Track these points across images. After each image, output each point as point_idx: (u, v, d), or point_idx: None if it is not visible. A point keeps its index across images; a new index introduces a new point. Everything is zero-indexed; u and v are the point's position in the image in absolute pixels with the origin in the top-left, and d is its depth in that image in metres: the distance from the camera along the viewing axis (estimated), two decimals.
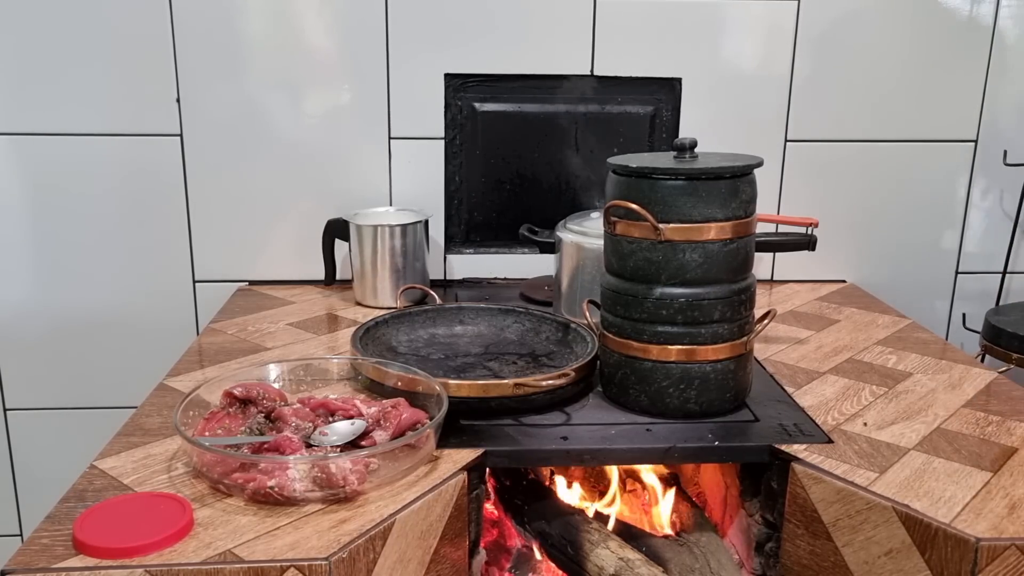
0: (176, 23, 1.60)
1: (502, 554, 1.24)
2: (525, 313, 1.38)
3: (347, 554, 0.81)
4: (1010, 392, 1.20)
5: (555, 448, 1.05)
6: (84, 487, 0.91)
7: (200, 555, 0.79)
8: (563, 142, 1.72)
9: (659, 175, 1.07)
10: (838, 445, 1.03)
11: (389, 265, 1.56)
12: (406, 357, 1.26)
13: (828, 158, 1.74)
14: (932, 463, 0.99)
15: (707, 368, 1.09)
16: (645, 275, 1.08)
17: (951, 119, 1.74)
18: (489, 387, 1.10)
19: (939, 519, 0.87)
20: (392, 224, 1.56)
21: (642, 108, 1.71)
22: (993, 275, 1.81)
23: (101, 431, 1.21)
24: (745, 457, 1.08)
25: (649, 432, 1.08)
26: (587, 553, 1.12)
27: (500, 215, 1.76)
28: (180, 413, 0.98)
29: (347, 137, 1.68)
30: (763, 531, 1.08)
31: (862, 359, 1.33)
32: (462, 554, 1.02)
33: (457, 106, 1.70)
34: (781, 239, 1.49)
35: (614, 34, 1.66)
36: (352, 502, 0.89)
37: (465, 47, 1.65)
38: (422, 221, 1.59)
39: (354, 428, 0.98)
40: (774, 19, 1.67)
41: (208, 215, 1.69)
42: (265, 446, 0.94)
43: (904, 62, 1.71)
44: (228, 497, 0.89)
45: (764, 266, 1.78)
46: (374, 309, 1.54)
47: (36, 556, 0.79)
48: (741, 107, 1.71)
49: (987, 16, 1.69)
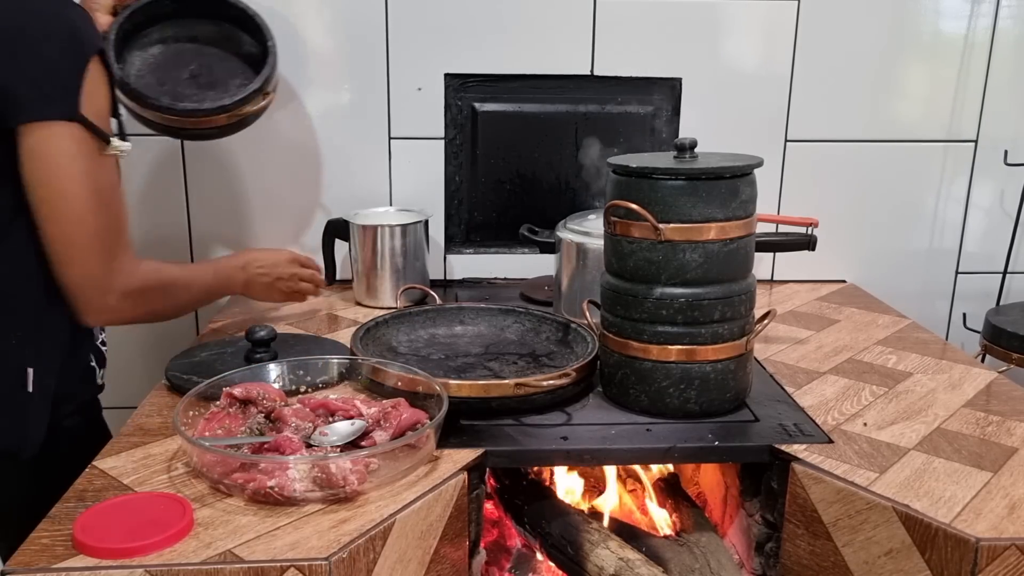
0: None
1: (502, 554, 1.24)
2: (525, 313, 1.38)
3: (347, 554, 0.81)
4: (1010, 392, 1.20)
5: (555, 448, 1.05)
6: (84, 487, 0.91)
7: (200, 555, 0.79)
8: (563, 142, 1.72)
9: (659, 175, 1.06)
10: (838, 445, 1.03)
11: (389, 265, 1.56)
12: (406, 357, 1.26)
13: (828, 158, 1.74)
14: (932, 463, 0.99)
15: (707, 368, 1.09)
16: (645, 275, 1.08)
17: (951, 119, 1.74)
18: (490, 387, 1.10)
19: (939, 519, 0.87)
20: (392, 224, 1.56)
21: (642, 108, 1.71)
22: (993, 275, 1.81)
23: None
24: (745, 457, 1.08)
25: (649, 432, 1.08)
26: (587, 553, 1.12)
27: (500, 215, 1.76)
28: (180, 413, 0.98)
29: (347, 137, 1.68)
30: (763, 531, 1.08)
31: (862, 359, 1.33)
32: (462, 554, 1.02)
33: (457, 106, 1.70)
34: (781, 239, 1.49)
35: (614, 34, 1.66)
36: (352, 502, 0.89)
37: (465, 47, 1.65)
38: (422, 221, 1.59)
39: (354, 428, 0.98)
40: (774, 19, 1.67)
41: (208, 215, 1.69)
42: (265, 446, 0.94)
43: (904, 62, 1.71)
44: (228, 497, 0.89)
45: (764, 266, 1.78)
46: (374, 309, 1.54)
47: (36, 556, 0.79)
48: (741, 107, 1.71)
49: (987, 16, 1.69)
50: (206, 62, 1.44)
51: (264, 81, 1.41)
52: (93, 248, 1.05)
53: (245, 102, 1.39)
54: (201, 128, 1.40)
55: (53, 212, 1.02)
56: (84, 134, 1.01)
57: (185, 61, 1.46)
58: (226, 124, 1.41)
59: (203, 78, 1.45)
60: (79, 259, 1.05)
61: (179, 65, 1.45)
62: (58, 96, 1.00)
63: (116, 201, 1.09)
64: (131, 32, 1.42)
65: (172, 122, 1.38)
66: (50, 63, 0.99)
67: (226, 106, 1.37)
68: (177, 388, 1.15)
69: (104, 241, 1.06)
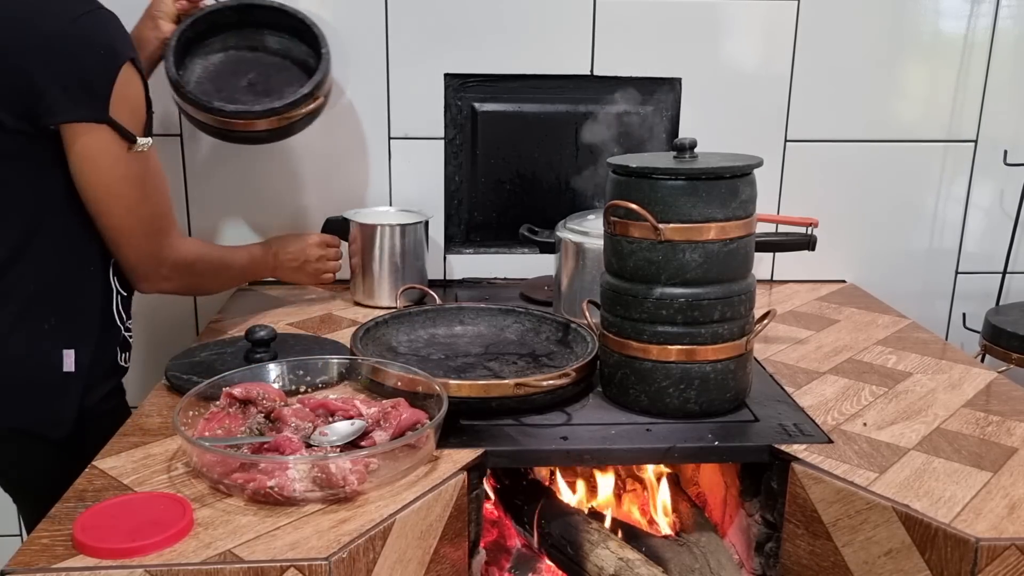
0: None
1: (502, 554, 1.24)
2: (525, 313, 1.38)
3: (347, 554, 0.81)
4: (1010, 392, 1.20)
5: (555, 448, 1.05)
6: (84, 487, 0.91)
7: (200, 555, 0.79)
8: (563, 142, 1.72)
9: (659, 175, 1.06)
10: (838, 445, 1.03)
11: (388, 265, 1.56)
12: (406, 357, 1.26)
13: (828, 158, 1.74)
14: (932, 463, 0.99)
15: (707, 368, 1.09)
16: (645, 275, 1.08)
17: (951, 119, 1.74)
18: (490, 387, 1.10)
19: (939, 519, 0.87)
20: (393, 224, 1.56)
21: (642, 108, 1.71)
22: (993, 275, 1.81)
23: None
24: (745, 457, 1.08)
25: (649, 432, 1.08)
26: (587, 553, 1.12)
27: (500, 215, 1.76)
28: (180, 413, 0.98)
29: (347, 137, 1.68)
30: (763, 531, 1.08)
31: (862, 359, 1.33)
32: (462, 554, 1.02)
33: (457, 106, 1.70)
34: (781, 239, 1.49)
35: (614, 34, 1.66)
36: (352, 502, 0.89)
37: (465, 47, 1.65)
38: (423, 222, 1.59)
39: (354, 428, 0.98)
40: (774, 19, 1.67)
41: (208, 215, 1.69)
42: (265, 446, 0.94)
43: (904, 62, 1.71)
44: (228, 497, 0.89)
45: (764, 266, 1.78)
46: (373, 309, 1.54)
47: (36, 556, 0.79)
48: (741, 107, 1.71)
49: (987, 16, 1.69)
50: (264, 71, 1.49)
51: (314, 87, 1.44)
52: (145, 232, 1.19)
53: (294, 106, 1.42)
54: (251, 131, 1.44)
55: (104, 207, 1.15)
56: (115, 135, 1.11)
57: (244, 70, 1.51)
58: (276, 128, 1.45)
59: (260, 86, 1.49)
60: (135, 243, 1.19)
61: (238, 73, 1.51)
62: (89, 100, 1.09)
63: (159, 188, 1.21)
64: (194, 40, 1.49)
65: (222, 124, 1.43)
66: (84, 70, 1.09)
67: (275, 109, 1.41)
68: (177, 388, 1.15)
69: (153, 224, 1.20)
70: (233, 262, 1.41)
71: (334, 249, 1.56)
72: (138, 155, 1.15)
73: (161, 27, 1.43)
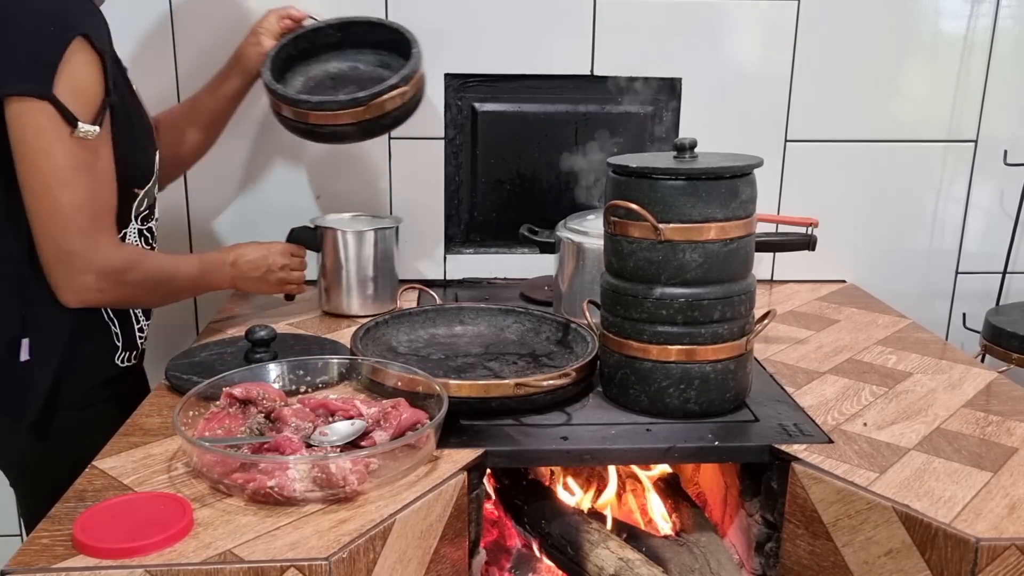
0: (176, 23, 1.60)
1: (502, 554, 1.24)
2: (525, 313, 1.38)
3: (347, 554, 0.81)
4: (1010, 392, 1.20)
5: (555, 448, 1.05)
6: (84, 487, 0.91)
7: (200, 555, 0.79)
8: (563, 142, 1.72)
9: (659, 175, 1.07)
10: (838, 445, 1.03)
11: (356, 274, 1.49)
12: (406, 357, 1.26)
13: (828, 158, 1.74)
14: (932, 463, 0.99)
15: (707, 368, 1.09)
16: (645, 275, 1.08)
17: (951, 119, 1.74)
18: (490, 387, 1.10)
19: (939, 519, 0.87)
20: (361, 230, 1.49)
21: (642, 108, 1.71)
22: (993, 275, 1.81)
23: None
24: (745, 457, 1.08)
25: (649, 432, 1.08)
26: (587, 553, 1.12)
27: (500, 215, 1.76)
28: (180, 413, 0.98)
29: None
30: (763, 531, 1.08)
31: (862, 359, 1.33)
32: (462, 554, 1.02)
33: (457, 106, 1.70)
34: (781, 239, 1.49)
35: (614, 34, 1.66)
36: (352, 502, 0.89)
37: (465, 47, 1.65)
38: (392, 228, 1.53)
39: (354, 428, 0.98)
40: (774, 19, 1.67)
41: (208, 215, 1.69)
42: (265, 446, 0.94)
43: (904, 62, 1.71)
44: (228, 497, 0.89)
45: (764, 266, 1.78)
46: (339, 318, 1.49)
47: (36, 556, 0.79)
48: (741, 107, 1.71)
49: (987, 16, 1.69)
50: (363, 85, 1.46)
51: (401, 79, 1.41)
52: (65, 224, 1.08)
53: (377, 95, 1.39)
54: (337, 124, 1.41)
55: (24, 184, 1.07)
56: (55, 114, 1.04)
57: (343, 84, 1.52)
58: (362, 121, 1.41)
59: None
60: (52, 234, 1.09)
61: (337, 87, 1.51)
62: (33, 73, 1.03)
63: (98, 182, 1.11)
64: (296, 58, 1.52)
65: (307, 118, 1.41)
66: (31, 41, 1.03)
67: (359, 99, 1.39)
68: (177, 388, 1.15)
69: (77, 219, 1.09)
70: (179, 272, 1.27)
71: (299, 259, 1.45)
72: (80, 141, 1.07)
73: (263, 43, 1.45)
